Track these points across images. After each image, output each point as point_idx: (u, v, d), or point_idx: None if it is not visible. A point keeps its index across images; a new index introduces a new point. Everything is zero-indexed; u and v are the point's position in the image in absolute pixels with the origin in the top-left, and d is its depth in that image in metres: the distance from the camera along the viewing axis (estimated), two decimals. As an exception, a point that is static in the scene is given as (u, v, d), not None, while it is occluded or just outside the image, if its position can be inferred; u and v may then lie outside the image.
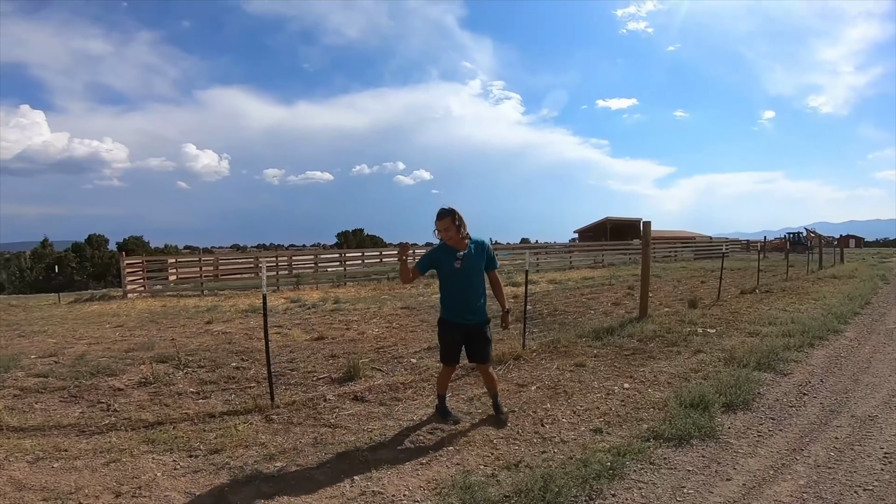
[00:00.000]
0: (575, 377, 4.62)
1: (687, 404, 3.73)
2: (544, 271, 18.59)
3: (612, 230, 43.34)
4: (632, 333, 6.31)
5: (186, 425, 3.85)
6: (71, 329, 9.00)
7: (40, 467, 3.17)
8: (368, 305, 10.58)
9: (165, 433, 3.67)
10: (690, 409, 3.65)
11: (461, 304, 3.48)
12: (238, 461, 3.20)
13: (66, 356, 6.35)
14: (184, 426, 3.83)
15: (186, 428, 3.79)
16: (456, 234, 3.38)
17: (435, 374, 4.83)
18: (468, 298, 3.47)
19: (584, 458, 3.02)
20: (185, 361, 5.74)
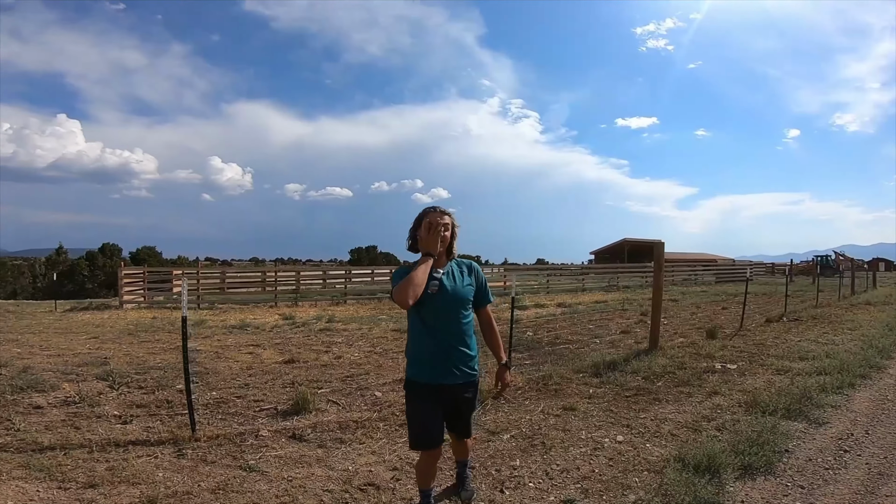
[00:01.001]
0: (560, 424, 3.81)
1: (691, 467, 2.91)
2: (555, 293, 17.66)
3: (629, 252, 42.00)
4: (637, 369, 5.46)
5: (82, 453, 3.32)
6: (44, 338, 8.57)
7: None
8: (360, 325, 9.91)
9: (51, 459, 3.16)
10: (695, 473, 2.84)
11: (439, 354, 2.27)
12: (111, 499, 2.65)
13: (13, 367, 5.84)
14: (78, 453, 3.30)
15: (79, 456, 3.26)
16: (446, 243, 2.31)
17: (397, 411, 4.10)
18: (450, 343, 2.28)
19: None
20: (123, 381, 5.14)
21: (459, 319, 2.30)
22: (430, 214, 2.30)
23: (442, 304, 2.26)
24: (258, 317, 11.90)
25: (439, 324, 2.26)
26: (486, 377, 4.18)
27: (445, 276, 2.30)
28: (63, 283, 26.77)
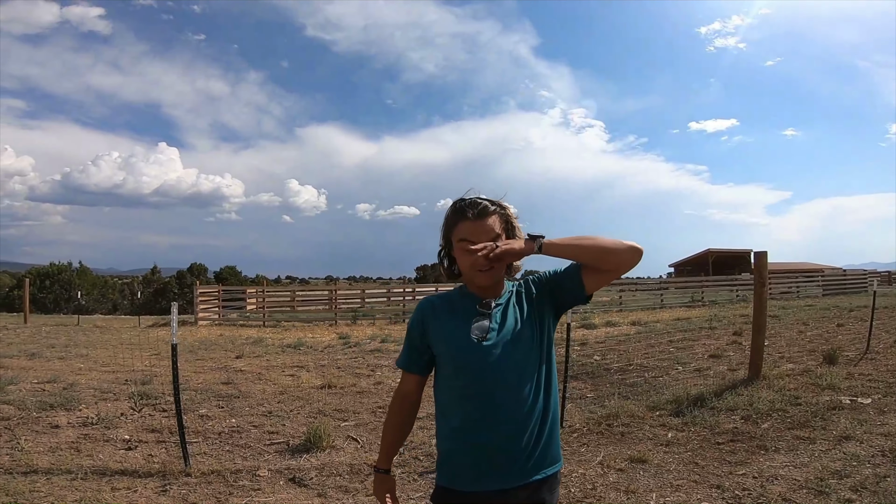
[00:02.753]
0: (623, 483, 2.92)
1: None
2: (629, 310, 16.10)
3: (714, 264, 38.24)
4: (734, 405, 4.35)
5: (64, 479, 3.07)
6: (111, 354, 8.88)
7: None
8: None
9: (30, 485, 2.94)
10: None
11: (486, 447, 1.27)
12: None
13: (61, 383, 5.91)
14: (60, 480, 3.06)
15: (59, 483, 3.02)
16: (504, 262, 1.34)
17: (421, 455, 3.42)
18: (505, 422, 1.27)
19: None
20: (150, 402, 4.92)
21: (518, 380, 1.28)
22: (461, 226, 1.33)
23: (493, 359, 1.27)
24: (316, 335, 11.80)
25: (487, 391, 1.26)
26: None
27: (501, 312, 1.33)
28: (157, 300, 29.18)
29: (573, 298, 1.37)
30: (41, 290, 29.77)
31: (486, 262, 1.27)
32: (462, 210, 1.34)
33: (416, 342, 1.39)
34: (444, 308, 1.38)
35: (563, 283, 1.36)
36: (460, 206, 1.35)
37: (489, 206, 1.33)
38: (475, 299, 1.34)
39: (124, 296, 32.15)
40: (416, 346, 1.39)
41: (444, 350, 1.33)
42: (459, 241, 1.32)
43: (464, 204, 1.35)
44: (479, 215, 1.32)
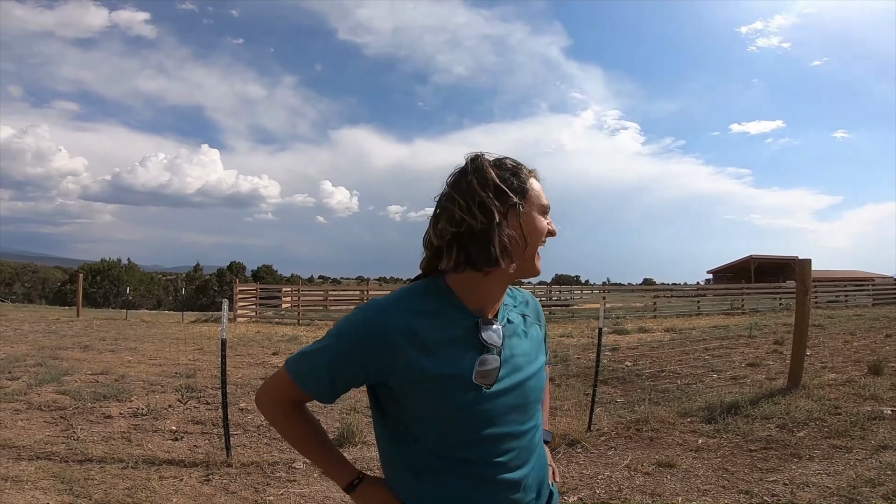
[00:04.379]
0: (650, 486, 2.93)
1: None
2: (663, 316, 15.72)
3: (756, 271, 36.67)
4: (770, 414, 4.25)
5: (116, 468, 3.27)
6: (158, 348, 9.34)
7: None
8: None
9: (84, 472, 3.14)
10: None
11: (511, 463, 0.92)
12: None
13: (113, 375, 6.29)
14: (112, 468, 3.25)
15: (111, 471, 3.21)
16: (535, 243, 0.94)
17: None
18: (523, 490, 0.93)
19: None
20: (194, 395, 5.20)
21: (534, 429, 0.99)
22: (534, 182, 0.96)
23: (502, 408, 0.91)
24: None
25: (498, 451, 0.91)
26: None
27: (507, 338, 0.94)
28: (199, 297, 30.50)
29: None
30: (92, 285, 31.54)
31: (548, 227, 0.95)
32: (520, 166, 0.95)
33: (354, 368, 0.89)
34: (426, 326, 0.88)
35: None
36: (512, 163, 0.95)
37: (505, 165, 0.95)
38: (469, 317, 0.91)
39: (168, 292, 33.78)
40: (348, 374, 0.90)
41: (430, 401, 0.88)
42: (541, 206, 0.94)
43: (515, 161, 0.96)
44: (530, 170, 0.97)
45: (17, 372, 6.00)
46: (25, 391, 5.08)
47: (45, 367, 6.36)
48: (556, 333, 11.00)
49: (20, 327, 11.36)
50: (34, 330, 10.99)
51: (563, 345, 9.00)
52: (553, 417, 4.14)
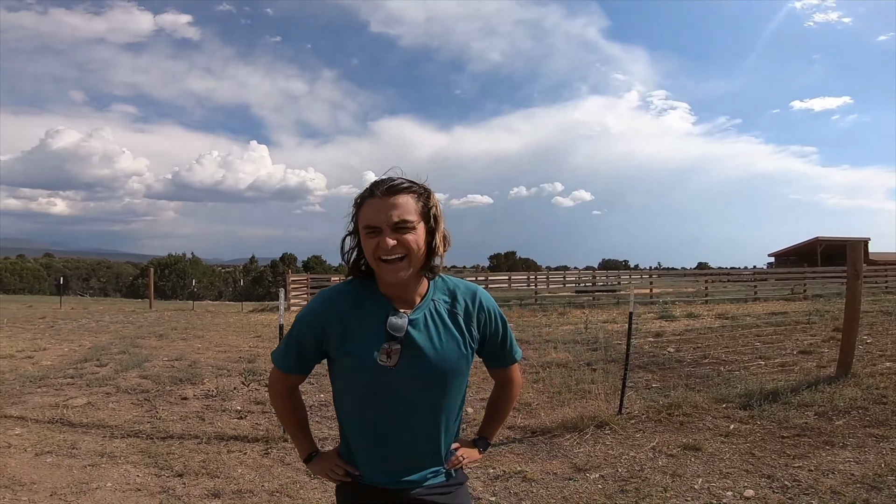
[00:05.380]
0: (671, 467, 3.06)
1: None
2: (716, 302, 15.19)
3: (824, 254, 34.21)
4: (810, 402, 4.21)
5: (193, 443, 3.72)
6: (222, 336, 10.15)
7: (37, 460, 3.28)
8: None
9: (166, 448, 3.58)
10: None
11: (389, 449, 1.19)
12: (187, 489, 2.91)
13: (186, 360, 6.97)
14: (190, 444, 3.70)
15: (189, 446, 3.65)
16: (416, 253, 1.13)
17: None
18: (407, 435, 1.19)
19: None
20: (255, 378, 5.72)
21: (441, 408, 1.19)
22: (369, 203, 1.13)
23: (401, 381, 1.14)
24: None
25: (392, 408, 1.16)
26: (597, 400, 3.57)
27: (416, 328, 1.15)
28: (254, 288, 32.35)
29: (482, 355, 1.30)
30: (161, 279, 34.14)
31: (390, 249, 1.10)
32: (370, 187, 1.15)
33: (309, 345, 1.19)
34: (346, 309, 1.16)
35: (489, 347, 1.27)
36: (378, 182, 1.15)
37: (403, 183, 1.13)
38: (385, 307, 1.15)
39: (227, 283, 36.08)
40: (307, 350, 1.20)
41: (347, 364, 1.16)
42: (365, 227, 1.13)
43: (379, 180, 1.16)
44: (388, 192, 1.12)
45: (104, 359, 6.76)
46: (113, 376, 5.74)
47: (128, 354, 7.14)
48: (599, 319, 10.98)
49: (101, 318, 12.60)
50: (114, 321, 12.16)
51: (606, 331, 9.01)
52: (586, 401, 4.28)
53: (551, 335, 8.76)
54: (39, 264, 45.76)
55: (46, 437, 3.71)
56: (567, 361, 6.25)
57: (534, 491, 2.84)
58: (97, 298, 26.74)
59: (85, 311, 14.93)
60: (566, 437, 3.65)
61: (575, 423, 3.83)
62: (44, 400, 4.74)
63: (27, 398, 4.81)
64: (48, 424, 4.02)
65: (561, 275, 23.65)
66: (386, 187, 1.12)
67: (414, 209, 1.13)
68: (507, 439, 3.65)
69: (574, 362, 6.15)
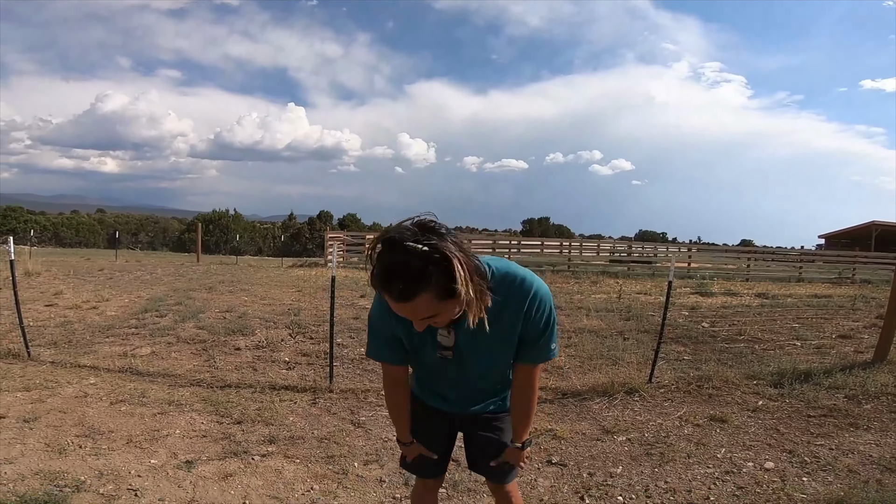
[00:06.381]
0: (697, 436, 3.20)
1: None
2: (757, 281, 14.79)
3: (878, 239, 32.29)
4: (842, 385, 4.21)
5: (248, 392, 4.01)
6: (266, 290, 10.68)
7: (112, 409, 3.57)
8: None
9: (225, 396, 3.87)
10: None
11: (454, 396, 1.55)
12: (246, 435, 3.19)
13: (236, 312, 7.44)
14: (246, 392, 4.00)
15: (245, 395, 3.95)
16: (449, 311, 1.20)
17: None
18: (467, 390, 1.54)
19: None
20: (302, 331, 6.10)
21: (495, 371, 1.48)
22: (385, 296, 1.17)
23: (465, 367, 1.43)
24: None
25: (461, 382, 1.50)
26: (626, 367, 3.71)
27: (464, 334, 1.33)
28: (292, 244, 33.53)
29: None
30: (205, 233, 35.69)
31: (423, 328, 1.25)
32: (380, 283, 1.13)
33: (388, 335, 1.41)
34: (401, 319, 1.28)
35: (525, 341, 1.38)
36: (381, 275, 1.12)
37: (412, 288, 1.10)
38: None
39: (266, 240, 37.47)
40: (389, 339, 1.41)
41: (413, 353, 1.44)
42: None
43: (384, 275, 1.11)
44: (401, 298, 1.12)
45: (163, 310, 7.22)
46: (173, 327, 6.14)
47: (184, 305, 7.61)
48: (633, 290, 10.97)
49: (154, 271, 13.29)
50: (166, 273, 12.82)
51: (640, 302, 9.04)
52: (617, 367, 4.42)
53: (583, 302, 8.85)
54: (93, 219, 48.33)
55: (118, 385, 4.00)
56: (599, 329, 6.35)
57: (563, 448, 3.06)
58: (147, 252, 28.19)
59: (138, 263, 15.80)
60: (596, 401, 3.84)
61: (605, 388, 4.01)
62: (112, 349, 5.06)
63: (97, 347, 5.13)
64: (118, 374, 4.31)
65: (595, 243, 23.35)
66: (396, 295, 1.11)
67: (432, 303, 1.13)
68: (540, 399, 3.84)
69: (606, 330, 6.24)
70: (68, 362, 4.52)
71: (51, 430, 3.10)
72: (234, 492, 2.52)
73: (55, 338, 5.42)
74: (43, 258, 14.43)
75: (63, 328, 5.88)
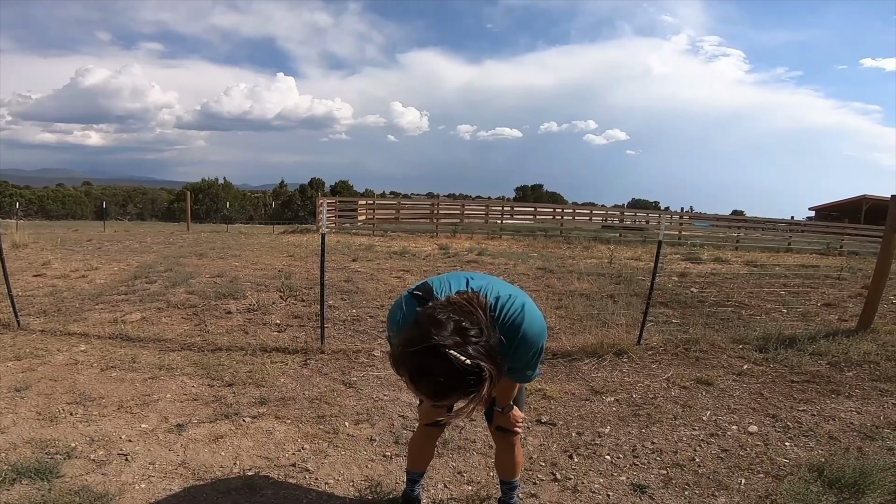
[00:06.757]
0: (683, 398, 3.26)
1: (827, 480, 2.26)
2: (746, 249, 14.94)
3: (868, 212, 32.57)
4: (825, 351, 4.28)
5: (239, 355, 4.00)
6: (257, 255, 10.61)
7: (103, 375, 3.53)
8: (508, 260, 9.91)
9: (216, 359, 3.85)
10: (827, 489, 2.21)
11: None
12: (237, 397, 3.19)
13: (227, 277, 7.39)
14: (236, 355, 3.99)
15: (236, 357, 3.94)
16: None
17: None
18: None
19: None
20: (293, 294, 6.09)
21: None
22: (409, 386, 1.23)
23: None
24: (419, 245, 12.87)
25: None
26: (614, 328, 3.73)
27: None
28: (284, 211, 33.25)
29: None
30: (195, 203, 35.18)
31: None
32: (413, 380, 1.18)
33: None
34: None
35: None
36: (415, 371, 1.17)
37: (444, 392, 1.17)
38: None
39: (257, 208, 37.09)
40: None
41: None
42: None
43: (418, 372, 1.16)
44: (431, 397, 1.19)
45: (153, 277, 7.13)
46: (163, 292, 6.09)
47: (174, 272, 7.52)
48: (624, 256, 11.11)
49: (144, 240, 13.12)
50: (156, 242, 12.67)
51: (631, 267, 9.16)
52: (607, 329, 4.47)
53: (575, 266, 8.93)
54: (80, 192, 47.36)
55: (109, 352, 3.95)
56: (590, 292, 6.40)
57: (552, 408, 3.10)
58: (136, 222, 27.79)
59: (127, 233, 15.61)
60: (585, 362, 3.89)
61: (594, 349, 4.05)
62: (102, 316, 5.00)
63: (87, 315, 5.07)
64: (109, 340, 4.26)
65: (588, 210, 23.36)
66: (425, 392, 1.18)
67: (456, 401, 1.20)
68: (530, 360, 3.90)
69: (597, 293, 6.29)
70: (58, 330, 4.46)
71: (42, 398, 3.07)
72: (224, 453, 2.54)
73: (44, 307, 5.35)
74: (30, 231, 14.15)
75: (52, 297, 5.80)
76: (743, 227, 18.69)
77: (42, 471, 2.26)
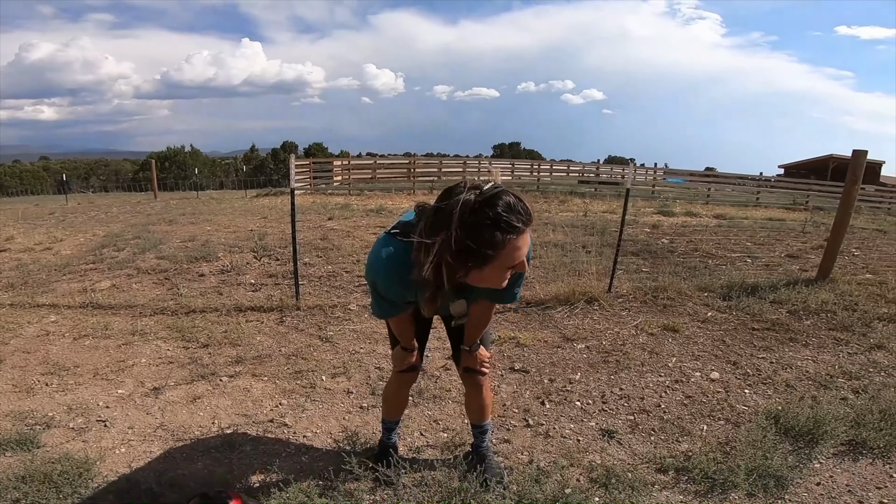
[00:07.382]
0: (650, 345, 3.40)
1: (783, 428, 2.38)
2: (716, 203, 15.29)
3: (835, 171, 33.55)
4: (784, 299, 4.43)
5: (214, 316, 3.97)
6: (230, 219, 10.36)
7: (76, 344, 3.47)
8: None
9: (190, 322, 3.82)
10: (782, 436, 2.33)
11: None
12: (213, 358, 3.20)
13: (199, 241, 7.22)
14: (211, 316, 3.96)
15: (211, 319, 3.91)
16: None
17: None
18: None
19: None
20: (267, 253, 6.02)
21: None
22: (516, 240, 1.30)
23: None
24: (396, 203, 12.78)
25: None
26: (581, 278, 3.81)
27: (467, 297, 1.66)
28: (256, 176, 32.30)
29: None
30: (162, 171, 33.79)
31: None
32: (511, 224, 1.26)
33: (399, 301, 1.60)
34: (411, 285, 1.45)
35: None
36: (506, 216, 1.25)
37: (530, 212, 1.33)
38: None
39: (228, 174, 35.98)
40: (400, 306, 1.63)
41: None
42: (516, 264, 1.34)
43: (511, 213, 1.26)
44: (530, 221, 1.33)
45: (120, 245, 6.93)
46: (132, 259, 5.95)
47: (143, 239, 7.29)
48: (600, 209, 11.32)
49: (109, 210, 12.58)
50: (122, 211, 12.18)
51: (605, 219, 9.40)
52: (579, 278, 4.57)
53: (550, 219, 9.03)
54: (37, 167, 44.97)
55: (80, 321, 3.88)
56: (564, 242, 6.49)
57: (525, 355, 3.20)
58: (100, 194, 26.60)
59: (92, 205, 14.97)
60: (557, 310, 4.00)
61: (566, 297, 4.15)
62: (71, 286, 4.88)
63: (55, 286, 4.95)
64: (79, 309, 4.18)
65: (565, 166, 23.37)
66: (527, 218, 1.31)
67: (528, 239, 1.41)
68: (504, 308, 3.98)
69: (570, 244, 6.38)
70: (27, 303, 4.34)
71: (16, 371, 3.01)
72: (202, 413, 2.55)
73: (11, 280, 5.18)
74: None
75: (18, 270, 5.61)
76: (714, 183, 19.02)
77: (23, 442, 2.26)
